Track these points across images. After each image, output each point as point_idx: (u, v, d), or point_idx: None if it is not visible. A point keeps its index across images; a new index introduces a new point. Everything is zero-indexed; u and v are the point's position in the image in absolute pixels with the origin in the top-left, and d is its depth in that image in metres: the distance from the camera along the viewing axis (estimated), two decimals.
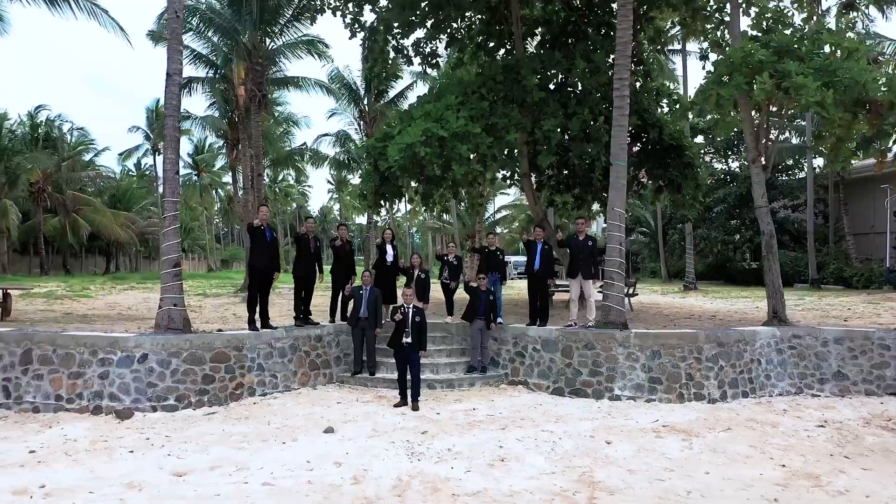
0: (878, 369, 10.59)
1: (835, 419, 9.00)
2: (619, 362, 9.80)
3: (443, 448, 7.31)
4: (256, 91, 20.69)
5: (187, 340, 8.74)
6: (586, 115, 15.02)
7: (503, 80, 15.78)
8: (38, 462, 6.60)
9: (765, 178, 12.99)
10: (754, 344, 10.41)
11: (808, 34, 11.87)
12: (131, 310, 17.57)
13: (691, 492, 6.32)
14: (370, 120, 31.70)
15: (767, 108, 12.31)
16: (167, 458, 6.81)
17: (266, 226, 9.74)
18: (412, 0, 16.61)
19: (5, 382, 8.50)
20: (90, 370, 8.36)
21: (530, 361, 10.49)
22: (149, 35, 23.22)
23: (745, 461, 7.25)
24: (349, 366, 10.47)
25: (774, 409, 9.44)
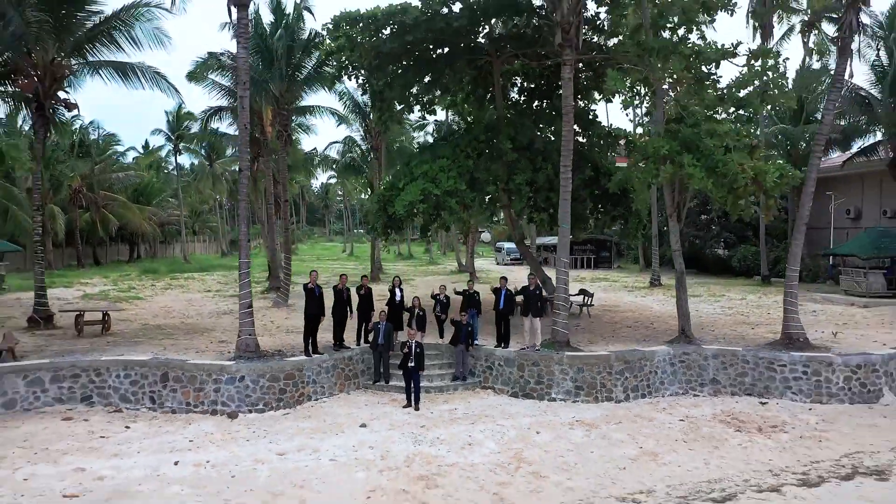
0: (741, 377, 15.35)
1: (693, 415, 13.78)
2: (555, 375, 14.56)
3: (434, 437, 12.10)
4: (283, 131, 25.14)
5: (269, 366, 13.47)
6: (549, 171, 19.50)
7: (484, 140, 20.34)
8: (197, 447, 11.38)
9: (678, 228, 17.58)
10: (653, 360, 15.15)
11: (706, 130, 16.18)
12: (189, 319, 22.27)
13: (577, 463, 11.09)
14: (375, 133, 36.02)
15: (675, 184, 16.83)
16: (270, 444, 11.59)
17: (315, 285, 14.43)
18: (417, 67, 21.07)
19: (151, 394, 13.26)
20: (208, 386, 13.11)
21: (496, 372, 15.27)
22: (188, 77, 27.50)
23: (619, 444, 12.03)
24: (370, 377, 15.24)
25: (658, 408, 14.23)
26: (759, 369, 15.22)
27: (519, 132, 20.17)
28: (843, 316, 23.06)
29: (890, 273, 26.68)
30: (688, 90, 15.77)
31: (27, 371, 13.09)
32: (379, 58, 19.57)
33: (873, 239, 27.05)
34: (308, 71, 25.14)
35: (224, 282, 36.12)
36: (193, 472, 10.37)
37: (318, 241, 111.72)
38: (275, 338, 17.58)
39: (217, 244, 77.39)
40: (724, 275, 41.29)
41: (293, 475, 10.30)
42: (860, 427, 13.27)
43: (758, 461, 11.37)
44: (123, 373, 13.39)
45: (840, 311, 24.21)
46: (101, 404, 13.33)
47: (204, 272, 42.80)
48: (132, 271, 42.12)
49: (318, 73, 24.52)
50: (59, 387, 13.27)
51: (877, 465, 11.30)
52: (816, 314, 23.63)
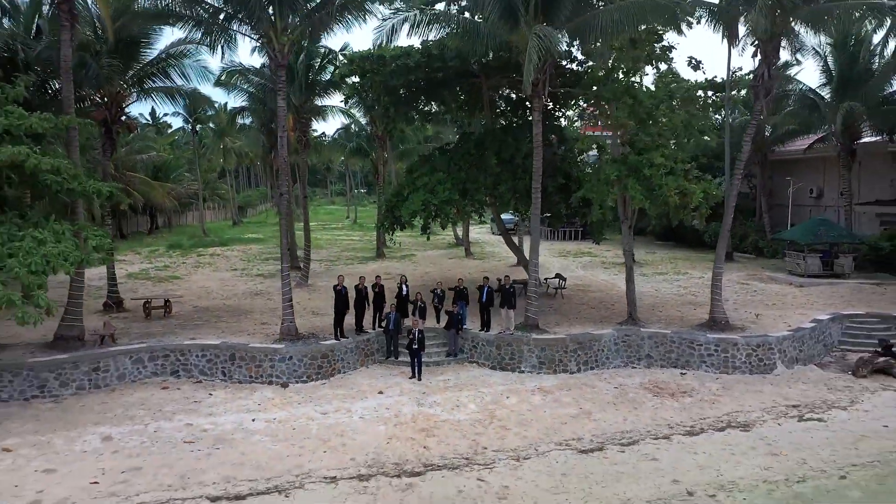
0: (668, 353, 20.13)
1: (626, 383, 18.61)
2: (524, 353, 19.35)
3: (432, 401, 16.94)
4: (303, 136, 29.49)
5: (309, 348, 18.21)
6: (527, 181, 23.90)
7: (475, 153, 24.78)
8: (264, 409, 16.23)
9: (631, 233, 22.15)
10: (601, 340, 19.92)
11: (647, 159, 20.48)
12: (228, 300, 26.85)
13: (533, 419, 15.94)
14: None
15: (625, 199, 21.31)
16: (315, 406, 16.44)
17: (342, 286, 19.12)
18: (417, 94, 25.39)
19: (223, 369, 18.05)
20: (265, 363, 17.89)
21: (479, 350, 20.07)
22: (215, 84, 31.68)
23: (565, 406, 16.88)
24: (384, 354, 20.03)
25: (601, 378, 19.06)
26: (682, 347, 20.02)
27: (503, 148, 24.53)
28: (778, 296, 27.80)
29: (826, 256, 31.29)
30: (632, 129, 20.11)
31: (132, 352, 17.87)
32: (386, 88, 23.88)
33: (813, 226, 31.62)
34: (323, 84, 29.34)
35: (245, 258, 40.78)
36: (266, 426, 15.25)
37: (319, 203, 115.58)
38: (303, 319, 22.23)
39: (226, 211, 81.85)
40: (700, 248, 45.80)
41: (335, 427, 15.17)
42: (748, 392, 18.12)
43: (662, 417, 16.24)
44: (201, 353, 18.18)
45: (777, 291, 28.96)
46: (186, 377, 18.17)
47: (224, 246, 47.47)
48: (158, 245, 46.82)
49: (331, 86, 28.70)
50: (155, 364, 18.07)
51: (746, 420, 16.18)
52: (756, 293, 28.44)
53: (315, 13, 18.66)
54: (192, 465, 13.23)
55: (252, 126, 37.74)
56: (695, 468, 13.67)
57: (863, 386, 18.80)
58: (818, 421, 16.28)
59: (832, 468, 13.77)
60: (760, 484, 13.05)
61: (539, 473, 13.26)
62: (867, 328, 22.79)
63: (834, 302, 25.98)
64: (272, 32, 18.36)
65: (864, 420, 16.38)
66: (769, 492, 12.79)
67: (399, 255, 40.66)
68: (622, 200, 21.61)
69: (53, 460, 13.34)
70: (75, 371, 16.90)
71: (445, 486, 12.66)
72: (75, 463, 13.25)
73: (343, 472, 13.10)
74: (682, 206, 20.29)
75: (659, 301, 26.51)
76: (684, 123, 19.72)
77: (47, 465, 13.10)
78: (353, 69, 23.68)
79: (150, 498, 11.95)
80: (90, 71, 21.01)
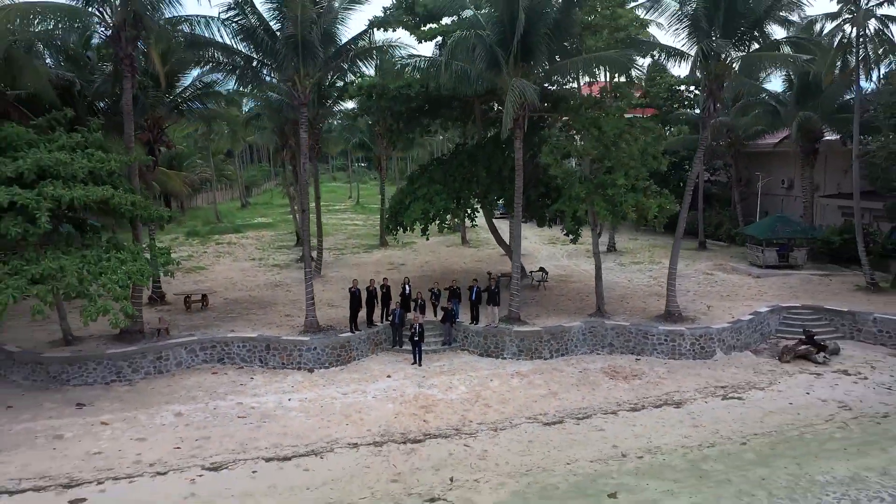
0: (627, 342, 24.43)
1: (589, 368, 22.95)
2: (506, 342, 23.65)
3: (430, 384, 21.31)
4: (315, 144, 33.45)
5: (330, 340, 22.48)
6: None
7: (468, 165, 28.85)
8: (297, 390, 20.58)
9: (598, 239, 26.31)
10: (571, 331, 24.21)
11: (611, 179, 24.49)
12: (252, 292, 31.07)
13: (510, 399, 20.29)
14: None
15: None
16: (337, 388, 20.79)
17: (356, 289, 23.35)
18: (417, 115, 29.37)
19: (260, 357, 22.36)
20: (294, 352, 22.20)
21: (470, 340, 24.38)
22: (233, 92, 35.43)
23: (537, 387, 21.22)
24: (390, 343, 24.36)
25: (569, 363, 23.38)
26: (638, 337, 24.32)
27: (492, 161, 28.58)
28: (735, 287, 32.05)
29: (782, 249, 35.44)
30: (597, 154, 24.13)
31: (186, 344, 22.17)
32: (390, 110, 27.89)
33: (771, 223, 35.76)
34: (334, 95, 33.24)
35: (260, 247, 45.01)
36: (300, 404, 19.62)
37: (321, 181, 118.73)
38: (320, 311, 26.32)
39: (232, 191, 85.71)
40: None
41: (354, 405, 19.54)
42: (688, 376, 22.45)
43: (613, 397, 20.60)
44: (242, 344, 22.50)
45: (735, 282, 33.21)
46: (230, 364, 22.51)
47: (238, 233, 51.69)
48: (177, 232, 51.00)
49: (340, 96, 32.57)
50: (205, 353, 22.39)
51: (680, 399, 20.53)
52: (716, 284, 32.70)
53: (331, 61, 22.54)
54: (248, 435, 17.61)
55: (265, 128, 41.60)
56: (631, 437, 18.04)
57: (784, 370, 23.13)
58: (738, 399, 20.64)
59: (737, 437, 18.13)
60: (679, 448, 17.42)
61: (511, 441, 17.64)
62: (802, 319, 27.03)
63: (783, 293, 30.24)
64: (296, 77, 22.28)
65: (776, 399, 20.74)
66: (684, 454, 17.16)
67: (401, 243, 44.75)
68: (591, 212, 25.71)
69: (141, 431, 17.72)
70: (143, 360, 21.23)
71: (439, 450, 17.04)
72: (158, 433, 17.63)
73: (362, 440, 17.48)
74: (640, 218, 24.44)
75: (629, 292, 30.76)
76: (641, 151, 23.71)
77: (138, 435, 17.48)
78: (362, 93, 27.62)
79: (221, 459, 16.34)
80: (139, 103, 24.96)
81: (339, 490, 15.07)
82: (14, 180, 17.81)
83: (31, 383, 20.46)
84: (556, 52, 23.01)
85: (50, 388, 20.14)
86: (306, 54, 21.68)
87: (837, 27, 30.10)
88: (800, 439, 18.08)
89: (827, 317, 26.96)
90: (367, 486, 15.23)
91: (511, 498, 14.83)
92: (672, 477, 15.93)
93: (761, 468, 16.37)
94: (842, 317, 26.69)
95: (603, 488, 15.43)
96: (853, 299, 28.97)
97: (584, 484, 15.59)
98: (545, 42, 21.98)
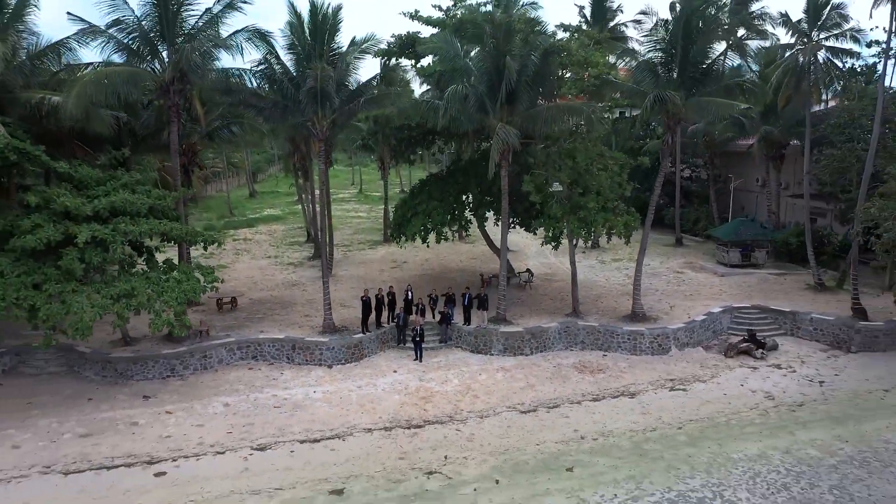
0: (596, 340, 29.09)
1: (562, 363, 27.64)
2: (493, 341, 28.34)
3: (429, 377, 26.03)
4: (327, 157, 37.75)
5: (346, 340, 27.13)
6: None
7: (461, 182, 33.36)
8: (320, 384, 25.30)
9: (574, 250, 30.85)
10: (549, 331, 28.88)
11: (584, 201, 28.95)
12: (273, 291, 35.74)
13: (494, 391, 25.01)
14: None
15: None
16: (352, 382, 25.51)
17: (367, 297, 27.97)
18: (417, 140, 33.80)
19: (287, 355, 27.04)
20: (316, 351, 26.88)
21: (463, 339, 29.06)
22: None
23: (518, 380, 25.94)
24: (395, 342, 29.07)
25: (546, 359, 28.07)
26: (606, 336, 28.98)
27: (484, 179, 33.03)
28: (700, 286, 36.68)
29: (745, 250, 39.97)
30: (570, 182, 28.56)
31: (225, 345, 26.83)
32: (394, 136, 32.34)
33: (735, 226, 40.28)
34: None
35: (274, 243, 49.62)
36: (323, 395, 24.36)
37: None
38: (334, 312, 31.00)
39: (239, 178, 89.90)
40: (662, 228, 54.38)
41: (367, 396, 24.28)
42: (646, 370, 27.14)
43: (580, 389, 25.32)
44: (271, 344, 27.18)
45: (701, 280, 37.84)
46: (262, 361, 27.21)
47: (251, 228, 56.29)
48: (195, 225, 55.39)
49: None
50: (241, 351, 27.07)
51: (635, 390, 25.23)
52: (683, 283, 37.33)
53: (346, 105, 26.87)
54: (284, 422, 22.35)
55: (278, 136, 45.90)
56: (591, 423, 22.77)
57: (727, 364, 27.82)
58: (682, 390, 25.36)
59: (676, 422, 22.84)
60: (627, 432, 22.14)
61: (494, 426, 22.37)
62: (750, 318, 31.70)
63: (740, 292, 34.87)
64: (315, 118, 26.65)
65: (713, 390, 25.44)
66: (631, 436, 21.88)
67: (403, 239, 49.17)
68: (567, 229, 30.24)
69: (199, 419, 22.47)
70: (191, 358, 25.91)
71: (436, 434, 21.78)
72: (212, 421, 22.38)
73: (375, 426, 22.21)
74: (608, 233, 29.01)
75: (605, 292, 35.38)
76: (608, 179, 28.18)
77: (197, 423, 22.23)
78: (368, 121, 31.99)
79: (265, 441, 21.09)
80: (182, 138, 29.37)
81: (358, 465, 19.83)
82: (92, 217, 22.31)
83: (102, 379, 25.15)
84: (537, 97, 27.34)
85: (118, 383, 24.85)
86: (324, 101, 25.99)
87: (792, 56, 34.28)
88: (726, 424, 22.78)
89: (772, 316, 31.61)
90: (380, 462, 19.98)
91: (491, 471, 19.58)
92: (618, 455, 20.66)
93: (690, 448, 21.09)
94: (784, 316, 31.33)
95: (563, 464, 20.15)
96: (800, 298, 33.66)
97: (548, 461, 20.33)
98: (526, 89, 26.31)
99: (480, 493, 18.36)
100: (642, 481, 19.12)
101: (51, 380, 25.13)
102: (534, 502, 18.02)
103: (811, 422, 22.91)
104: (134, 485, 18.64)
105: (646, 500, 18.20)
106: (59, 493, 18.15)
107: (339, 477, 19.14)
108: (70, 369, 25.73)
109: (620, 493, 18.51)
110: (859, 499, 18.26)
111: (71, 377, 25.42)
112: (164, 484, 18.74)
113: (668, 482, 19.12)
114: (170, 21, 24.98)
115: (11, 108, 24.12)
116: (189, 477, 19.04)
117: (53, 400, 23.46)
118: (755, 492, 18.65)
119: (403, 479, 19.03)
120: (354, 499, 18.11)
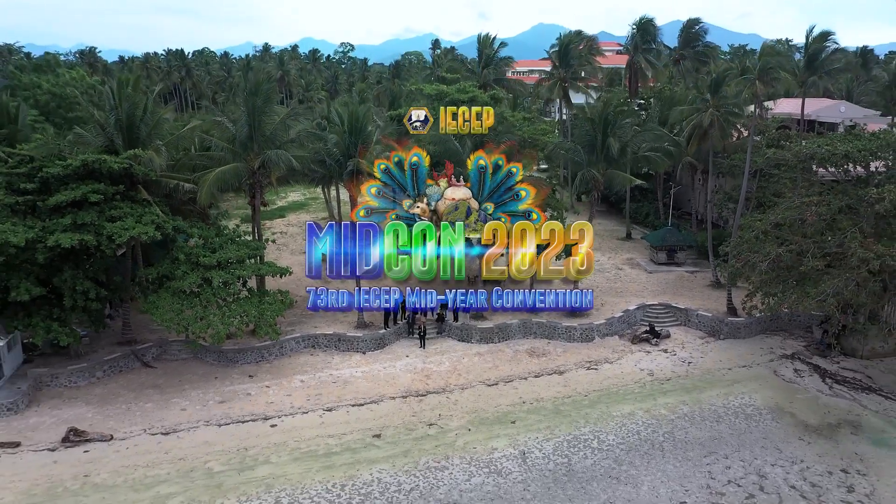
0: (544, 331, 43.69)
1: (518, 349, 42.23)
2: (473, 333, 42.88)
3: (429, 361, 40.74)
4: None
5: (374, 334, 41.64)
6: None
7: None
8: (359, 366, 40.09)
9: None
10: (512, 325, 43.53)
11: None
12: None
13: (471, 371, 39.81)
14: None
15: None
16: (380, 364, 40.22)
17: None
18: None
19: (336, 344, 41.86)
20: (354, 342, 41.34)
21: (453, 332, 43.57)
22: None
23: (488, 362, 40.56)
24: (406, 334, 43.74)
25: (509, 346, 42.65)
26: (551, 328, 43.59)
27: None
28: (632, 282, 51.17)
29: (671, 252, 54.28)
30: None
31: (295, 338, 41.33)
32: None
33: (663, 234, 54.51)
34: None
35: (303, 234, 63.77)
36: (362, 374, 39.20)
37: None
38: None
39: None
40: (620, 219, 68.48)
41: (390, 374, 39.03)
42: (574, 354, 41.85)
43: (527, 368, 40.09)
44: (324, 337, 41.90)
45: (634, 277, 52.33)
46: (318, 349, 41.88)
47: (282, 218, 70.29)
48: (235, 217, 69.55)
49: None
50: (304, 343, 41.67)
51: (563, 370, 39.96)
52: (619, 280, 51.86)
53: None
54: (339, 393, 37.21)
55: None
56: (530, 392, 37.59)
57: (630, 349, 42.52)
58: (595, 369, 40.12)
59: (584, 391, 37.61)
60: (552, 398, 36.93)
61: (470, 395, 37.17)
62: (657, 312, 46.24)
63: (658, 288, 49.37)
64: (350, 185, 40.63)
65: (616, 368, 40.18)
66: (553, 401, 36.72)
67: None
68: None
69: (287, 390, 37.28)
70: (273, 348, 40.60)
71: (434, 400, 36.57)
72: (295, 392, 37.24)
73: (396, 395, 36.97)
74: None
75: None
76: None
77: (285, 393, 37.06)
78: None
79: (331, 405, 35.91)
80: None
81: (387, 420, 34.67)
82: (215, 266, 36.64)
83: (218, 363, 39.95)
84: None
85: (229, 366, 39.65)
86: (359, 175, 39.97)
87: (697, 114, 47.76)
88: (616, 393, 37.60)
89: (672, 311, 46.21)
90: (400, 418, 34.83)
91: (466, 423, 34.37)
92: (544, 413, 35.52)
93: (588, 408, 35.94)
94: (681, 311, 45.90)
95: (510, 419, 34.97)
96: (699, 294, 48.20)
97: (501, 417, 35.18)
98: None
99: (459, 436, 33.32)
100: (554, 429, 33.99)
101: (186, 364, 39.97)
102: (490, 441, 32.97)
103: (670, 391, 37.69)
104: (259, 432, 33.58)
105: (554, 440, 33.14)
106: (220, 436, 33.08)
107: (377, 427, 34.06)
108: (195, 356, 40.52)
109: (540, 436, 33.45)
110: (678, 439, 33.15)
111: (197, 362, 40.25)
112: (277, 431, 33.65)
113: (569, 429, 33.97)
114: (254, 128, 38.70)
115: (157, 189, 38.15)
116: (290, 427, 33.96)
117: (193, 378, 38.34)
118: (619, 435, 33.55)
119: (414, 428, 33.97)
120: (387, 439, 33.05)
